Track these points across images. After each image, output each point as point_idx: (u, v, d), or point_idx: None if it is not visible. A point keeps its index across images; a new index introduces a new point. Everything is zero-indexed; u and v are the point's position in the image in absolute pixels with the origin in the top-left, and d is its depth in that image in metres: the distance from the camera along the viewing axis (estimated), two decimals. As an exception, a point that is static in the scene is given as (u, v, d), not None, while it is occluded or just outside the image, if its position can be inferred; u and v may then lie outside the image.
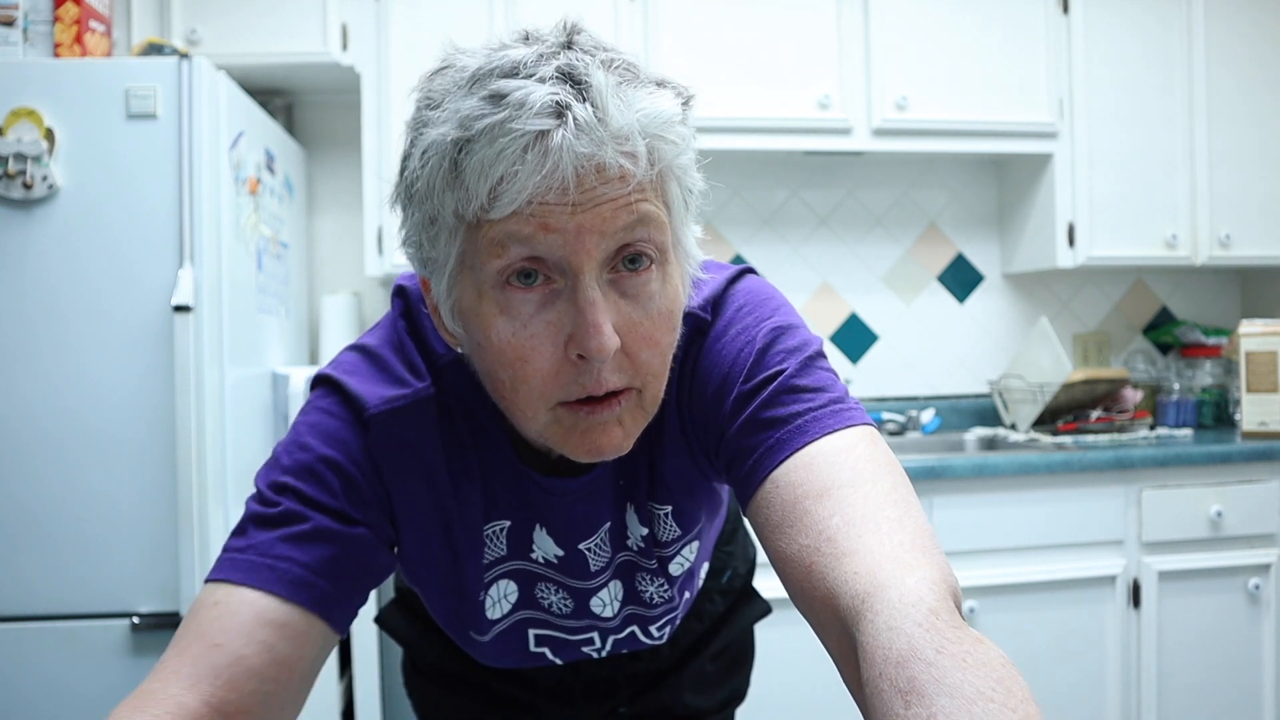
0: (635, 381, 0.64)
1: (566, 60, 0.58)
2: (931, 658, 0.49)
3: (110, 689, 1.74)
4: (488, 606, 0.81)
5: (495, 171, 0.57)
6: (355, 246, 2.67)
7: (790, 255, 2.84)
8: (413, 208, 0.63)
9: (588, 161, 0.57)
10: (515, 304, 0.61)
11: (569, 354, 0.61)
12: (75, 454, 1.75)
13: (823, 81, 2.49)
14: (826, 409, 0.67)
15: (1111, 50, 2.62)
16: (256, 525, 0.69)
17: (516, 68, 0.58)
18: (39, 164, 1.74)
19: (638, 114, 0.59)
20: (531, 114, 0.55)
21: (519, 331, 0.61)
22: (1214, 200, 2.66)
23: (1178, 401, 2.75)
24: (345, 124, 2.66)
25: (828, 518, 0.60)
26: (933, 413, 2.78)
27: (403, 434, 0.72)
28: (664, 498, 0.79)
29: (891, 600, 0.53)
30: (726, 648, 1.05)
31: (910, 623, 0.51)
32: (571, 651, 0.87)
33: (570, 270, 0.60)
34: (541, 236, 0.58)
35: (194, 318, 1.76)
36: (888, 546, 0.57)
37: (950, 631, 0.51)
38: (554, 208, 0.58)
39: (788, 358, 0.69)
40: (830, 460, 0.63)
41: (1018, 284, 2.97)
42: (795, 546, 0.61)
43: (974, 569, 2.22)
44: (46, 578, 1.75)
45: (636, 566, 0.83)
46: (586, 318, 0.59)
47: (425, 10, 2.39)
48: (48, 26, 1.90)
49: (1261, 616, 2.33)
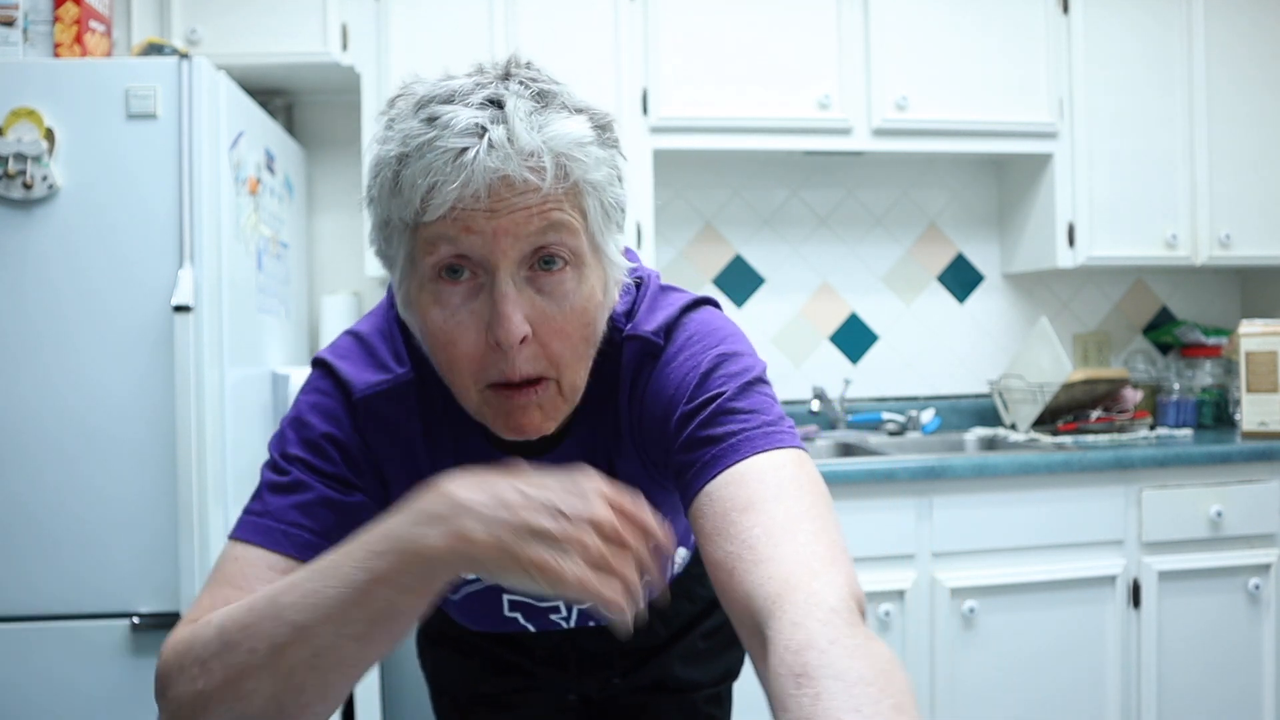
0: (550, 371, 0.72)
1: (496, 89, 0.68)
2: (824, 646, 0.55)
3: (110, 689, 1.74)
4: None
5: (425, 182, 0.66)
6: (355, 246, 2.67)
7: (790, 255, 2.84)
8: (371, 212, 0.74)
9: (495, 175, 0.66)
10: (445, 295, 0.70)
11: (489, 340, 0.69)
12: (75, 454, 1.75)
13: (823, 81, 2.49)
14: (759, 430, 0.74)
15: (1112, 50, 2.62)
16: (271, 491, 0.79)
17: (453, 95, 0.68)
18: (39, 164, 1.74)
19: (546, 136, 0.68)
20: (454, 134, 0.65)
21: (448, 319, 0.70)
22: (1214, 200, 2.66)
23: (1178, 401, 2.75)
24: (345, 124, 2.66)
25: (750, 528, 0.67)
26: (933, 413, 2.78)
27: (386, 414, 0.81)
28: (635, 467, 0.85)
29: (798, 601, 0.60)
30: (719, 628, 1.11)
31: (811, 619, 0.58)
32: (541, 619, 0.95)
33: (490, 267, 0.69)
34: (464, 237, 0.68)
35: (194, 318, 1.76)
36: (801, 556, 0.64)
37: (845, 628, 0.57)
38: (474, 213, 0.67)
39: (728, 381, 0.77)
40: (758, 477, 0.71)
41: (1018, 284, 2.97)
42: (721, 553, 0.68)
43: (974, 569, 2.22)
44: (46, 578, 1.75)
45: None
46: (499, 308, 0.68)
47: (425, 10, 2.39)
48: (48, 26, 1.90)
49: (1261, 616, 2.33)
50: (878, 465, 2.19)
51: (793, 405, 2.79)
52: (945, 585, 2.20)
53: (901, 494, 2.20)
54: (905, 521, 2.20)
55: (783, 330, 2.85)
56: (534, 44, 2.39)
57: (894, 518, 2.20)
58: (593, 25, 2.42)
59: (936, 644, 2.20)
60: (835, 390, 2.82)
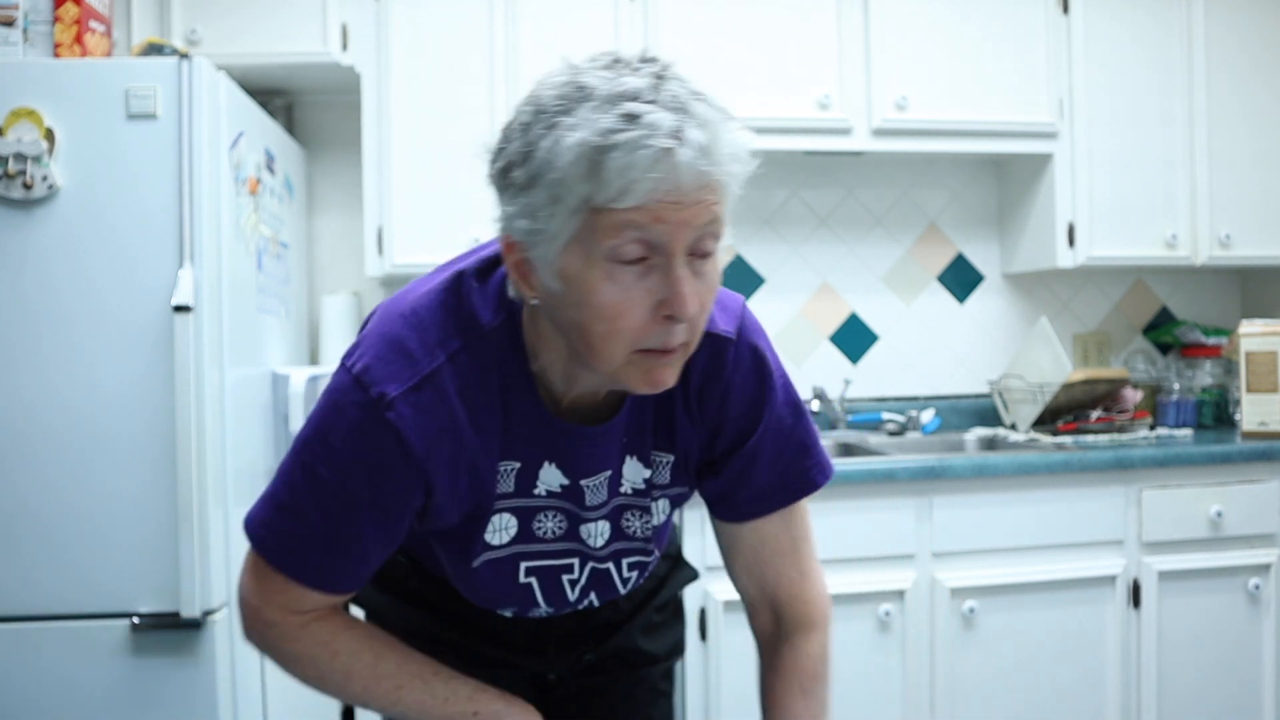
0: (690, 337, 0.83)
1: (670, 92, 0.76)
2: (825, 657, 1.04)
3: (110, 689, 1.74)
4: (489, 532, 0.96)
5: (630, 175, 0.73)
6: (355, 246, 2.67)
7: (790, 255, 2.84)
8: (536, 188, 0.77)
9: (702, 176, 0.75)
10: (620, 273, 0.78)
11: (657, 314, 0.79)
12: (75, 454, 1.75)
13: (823, 82, 2.49)
14: (815, 465, 1.02)
15: (1111, 51, 2.62)
16: (307, 509, 0.90)
17: (638, 94, 0.75)
18: (39, 164, 1.74)
19: (735, 145, 0.78)
20: (660, 135, 0.73)
21: (622, 295, 0.78)
22: (1214, 200, 2.66)
23: (1178, 401, 2.75)
24: (345, 124, 2.66)
25: (804, 557, 1.05)
26: (933, 413, 2.78)
27: (426, 407, 0.86)
28: (668, 448, 0.99)
29: (819, 622, 1.05)
30: (668, 602, 1.24)
31: (824, 636, 1.04)
32: (553, 581, 1.01)
33: (667, 252, 0.78)
34: (653, 226, 0.76)
35: (194, 318, 1.75)
36: (820, 585, 1.06)
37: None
38: (666, 205, 0.75)
39: (792, 412, 1.00)
40: (801, 517, 1.04)
41: (1018, 284, 2.97)
42: (773, 571, 1.04)
43: (974, 569, 2.22)
44: (47, 577, 1.75)
45: (626, 508, 1.01)
46: (678, 289, 0.78)
47: (425, 10, 2.40)
48: (48, 26, 1.90)
49: (1261, 616, 2.33)
50: (878, 465, 2.19)
51: (793, 405, 2.79)
52: (945, 585, 2.20)
53: (901, 494, 2.20)
54: (905, 521, 2.20)
55: (783, 330, 2.85)
56: (534, 44, 2.39)
57: (894, 518, 2.20)
58: (593, 25, 2.42)
59: (936, 644, 2.20)
60: (835, 390, 2.82)
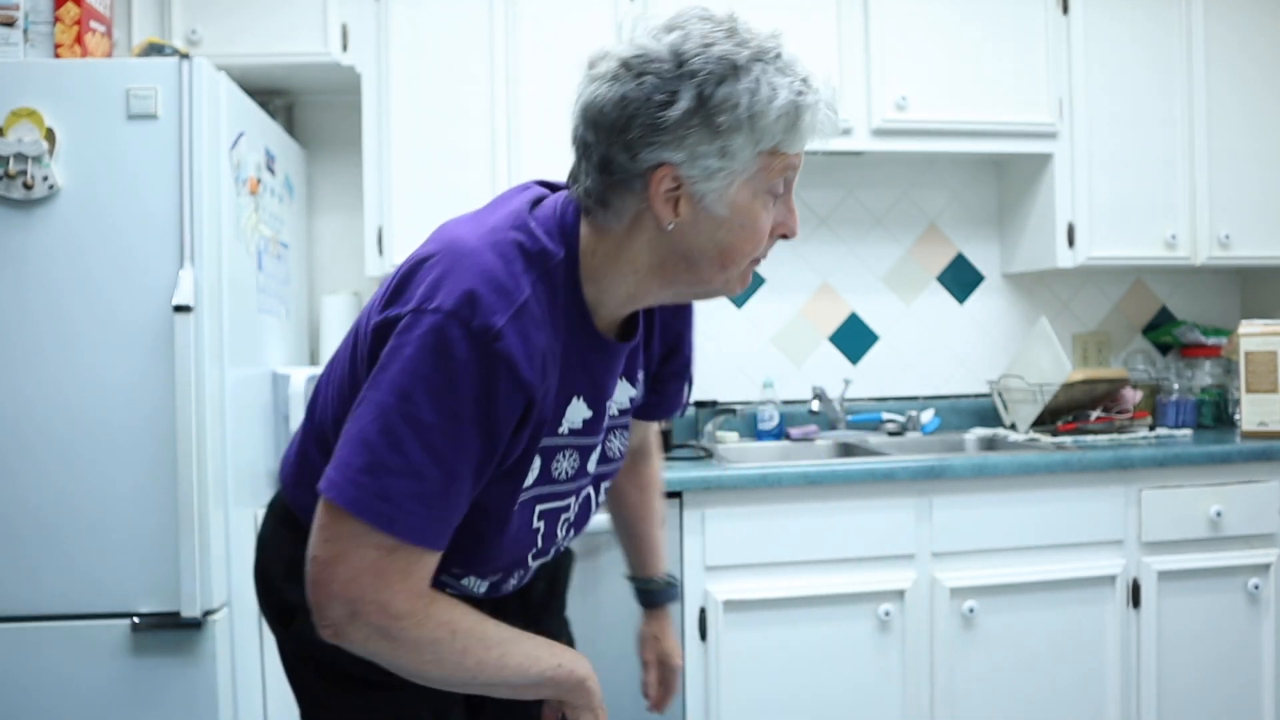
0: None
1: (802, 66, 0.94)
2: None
3: (110, 689, 1.75)
4: (528, 475, 0.99)
5: (814, 131, 0.92)
6: (355, 246, 2.67)
7: (790, 255, 2.84)
8: (740, 133, 0.89)
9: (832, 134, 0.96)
10: (769, 204, 0.95)
11: (774, 235, 0.97)
12: (76, 454, 1.76)
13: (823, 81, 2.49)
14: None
15: (1111, 51, 2.62)
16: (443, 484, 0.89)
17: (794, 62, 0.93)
18: (39, 164, 1.74)
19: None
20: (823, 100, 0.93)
21: (769, 221, 0.96)
22: (1213, 200, 2.66)
23: (1177, 401, 2.75)
24: (345, 124, 2.66)
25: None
26: (933, 413, 2.78)
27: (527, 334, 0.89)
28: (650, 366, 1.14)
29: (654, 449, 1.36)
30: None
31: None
32: (554, 523, 1.07)
33: (789, 188, 0.97)
34: (794, 169, 0.95)
35: (194, 318, 1.76)
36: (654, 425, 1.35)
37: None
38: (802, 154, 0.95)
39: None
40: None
41: (1018, 284, 2.97)
42: (637, 433, 1.30)
43: (974, 569, 2.22)
44: (47, 577, 1.75)
45: (614, 429, 1.11)
46: (796, 217, 0.99)
47: (425, 10, 2.40)
48: (48, 27, 1.90)
49: (1261, 616, 2.33)
50: (878, 465, 2.19)
51: (793, 405, 2.80)
52: (945, 585, 2.20)
53: (901, 494, 2.20)
54: (905, 521, 2.20)
55: (783, 330, 2.85)
56: (534, 44, 2.39)
57: (894, 518, 2.20)
58: (592, 26, 2.41)
59: (936, 644, 2.20)
60: (835, 390, 2.82)
